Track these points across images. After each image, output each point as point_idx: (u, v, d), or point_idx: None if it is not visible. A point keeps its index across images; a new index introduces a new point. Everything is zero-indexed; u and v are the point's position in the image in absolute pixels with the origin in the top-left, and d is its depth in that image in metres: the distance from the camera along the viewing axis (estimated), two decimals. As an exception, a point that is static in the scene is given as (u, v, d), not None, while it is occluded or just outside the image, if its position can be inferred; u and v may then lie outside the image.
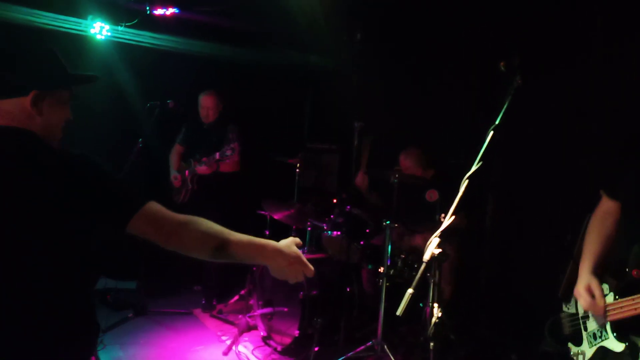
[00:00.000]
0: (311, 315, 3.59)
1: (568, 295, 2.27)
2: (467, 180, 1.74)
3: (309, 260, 1.51)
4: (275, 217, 4.26)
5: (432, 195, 3.87)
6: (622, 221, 2.18)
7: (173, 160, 4.84)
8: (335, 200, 4.57)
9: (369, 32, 4.92)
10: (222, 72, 5.55)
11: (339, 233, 3.84)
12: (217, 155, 4.30)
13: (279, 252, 1.55)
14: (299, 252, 1.59)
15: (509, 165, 3.76)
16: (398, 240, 3.98)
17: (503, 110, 1.74)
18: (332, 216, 3.98)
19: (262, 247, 1.54)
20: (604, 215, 2.22)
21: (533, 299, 3.35)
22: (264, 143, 5.23)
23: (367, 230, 3.94)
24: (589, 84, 3.21)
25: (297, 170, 4.55)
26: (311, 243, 4.11)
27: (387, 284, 3.54)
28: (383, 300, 3.52)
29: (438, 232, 1.75)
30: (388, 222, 3.54)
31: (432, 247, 1.75)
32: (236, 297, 4.64)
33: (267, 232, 4.46)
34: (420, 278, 1.74)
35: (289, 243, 1.59)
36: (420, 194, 3.92)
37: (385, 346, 3.44)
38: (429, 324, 1.91)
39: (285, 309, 3.80)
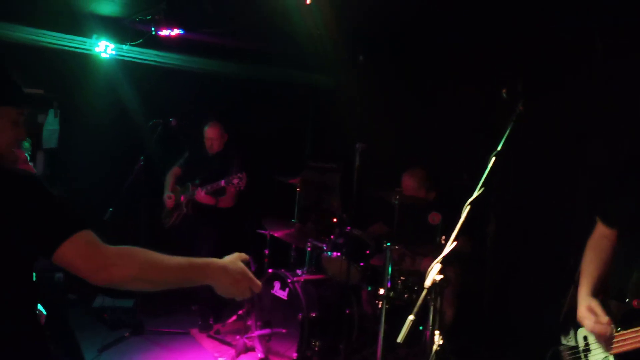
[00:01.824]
0: (310, 338, 3.54)
1: (566, 327, 2.24)
2: (469, 206, 1.73)
3: (308, 281, 1.51)
4: (276, 235, 4.24)
5: (434, 218, 3.84)
6: (619, 248, 2.18)
7: (169, 181, 4.80)
8: (335, 220, 4.57)
9: (372, 53, 4.96)
10: (226, 89, 5.59)
11: (338, 254, 3.82)
12: (223, 182, 4.26)
13: (223, 270, 1.49)
14: (244, 267, 1.54)
15: (511, 188, 3.75)
16: (399, 261, 3.95)
17: (505, 137, 1.74)
18: (332, 236, 3.95)
19: (204, 267, 1.48)
20: (599, 240, 2.23)
21: (535, 324, 3.32)
22: (265, 161, 5.23)
23: (367, 252, 3.91)
24: (587, 109, 3.24)
25: (298, 189, 4.54)
26: (311, 263, 4.08)
27: (387, 306, 3.50)
28: (383, 323, 3.48)
29: (440, 258, 1.74)
30: (389, 244, 3.52)
31: (434, 273, 1.73)
32: (234, 317, 4.59)
33: (267, 252, 4.44)
34: (421, 303, 1.72)
35: (233, 259, 1.54)
36: (422, 216, 3.90)
37: (385, 370, 3.38)
38: (429, 348, 1.88)
39: (284, 330, 3.76)
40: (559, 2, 3.31)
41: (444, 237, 3.67)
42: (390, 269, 3.56)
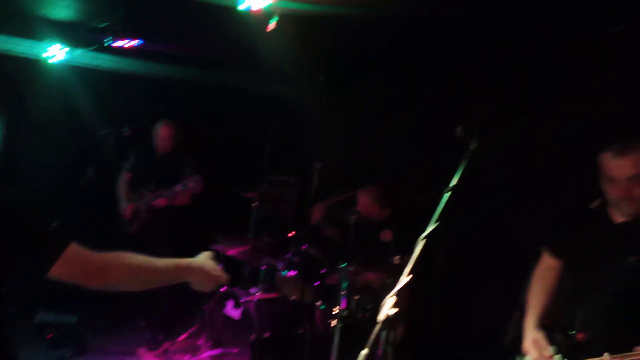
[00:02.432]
0: (262, 358, 3.49)
1: (513, 354, 2.29)
2: (423, 240, 1.75)
3: (262, 300, 1.59)
4: (229, 253, 4.17)
5: (386, 235, 3.92)
6: (565, 280, 2.26)
7: (122, 190, 4.63)
8: (292, 233, 4.55)
9: (333, 71, 4.99)
10: (183, 96, 5.46)
11: (294, 273, 3.79)
12: (178, 187, 4.18)
13: (201, 267, 1.70)
14: (215, 264, 1.77)
15: (462, 216, 3.85)
16: (352, 277, 3.96)
17: (459, 173, 1.78)
18: (288, 255, 3.93)
19: (187, 267, 1.68)
20: (545, 271, 2.30)
21: (485, 344, 3.41)
22: (221, 174, 5.15)
23: (322, 271, 3.91)
24: (538, 143, 3.38)
25: (254, 203, 4.49)
26: (265, 281, 4.03)
27: (341, 325, 3.50)
28: (336, 342, 3.48)
29: (393, 293, 1.75)
30: (344, 265, 3.52)
31: (387, 308, 1.73)
32: (185, 335, 4.46)
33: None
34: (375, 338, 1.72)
35: (205, 257, 1.75)
36: (375, 233, 3.95)
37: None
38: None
39: (235, 350, 3.69)
40: (515, 44, 3.46)
41: (397, 257, 3.74)
42: (344, 289, 3.57)
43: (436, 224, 1.73)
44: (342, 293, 3.54)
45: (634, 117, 2.88)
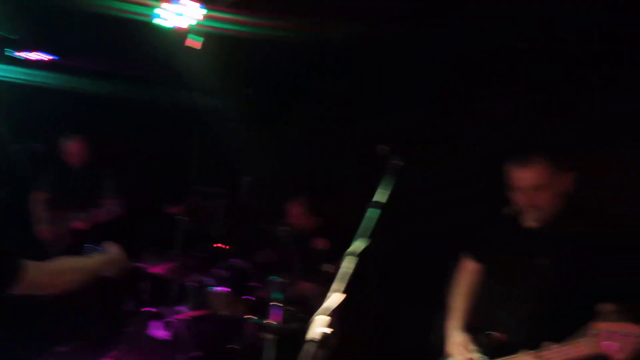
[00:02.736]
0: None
1: (440, 355, 2.38)
2: (355, 258, 1.78)
3: (191, 318, 1.58)
4: (155, 271, 4.02)
5: (319, 244, 3.95)
6: (485, 283, 2.37)
7: (39, 211, 4.29)
8: (219, 245, 4.47)
9: (259, 86, 4.98)
10: (101, 110, 5.20)
11: (224, 289, 3.73)
12: (97, 213, 4.02)
13: (114, 258, 1.96)
14: (121, 254, 2.00)
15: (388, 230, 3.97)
16: (285, 288, 3.95)
17: (383, 191, 1.82)
18: (216, 270, 3.85)
19: (107, 260, 1.93)
20: (466, 275, 2.41)
21: (418, 346, 3.52)
22: (146, 189, 4.96)
23: (254, 284, 3.87)
24: (453, 159, 3.62)
25: (181, 217, 4.37)
26: (195, 299, 3.92)
27: (272, 337, 3.48)
28: (266, 355, 3.44)
29: (325, 311, 1.76)
30: (275, 278, 3.51)
31: (319, 326, 1.74)
32: (108, 360, 4.24)
33: (145, 286, 4.18)
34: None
35: (110, 249, 2.00)
36: (308, 243, 3.97)
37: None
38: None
39: (164, 372, 3.56)
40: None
41: (331, 266, 3.78)
42: (276, 301, 3.55)
43: (365, 242, 1.76)
44: (274, 305, 3.52)
45: (538, 130, 3.12)
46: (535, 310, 2.06)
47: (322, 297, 3.43)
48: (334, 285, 1.76)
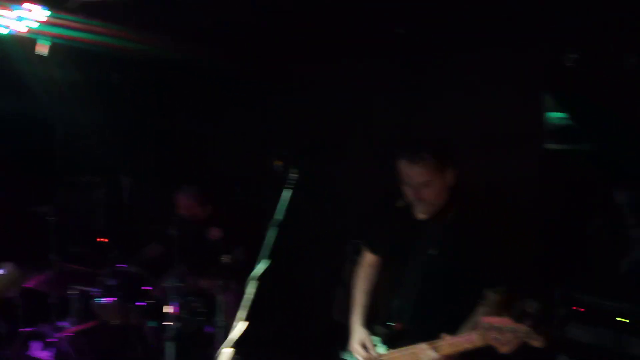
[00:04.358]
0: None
1: (344, 345, 2.38)
2: (255, 282, 1.61)
3: (77, 333, 1.31)
4: (27, 285, 3.52)
5: (213, 233, 3.76)
6: (384, 274, 2.41)
7: None
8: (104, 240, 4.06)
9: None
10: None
11: (112, 299, 3.36)
12: None
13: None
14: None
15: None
16: (182, 285, 3.71)
17: (282, 206, 1.68)
18: (102, 279, 3.46)
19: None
20: (366, 268, 2.46)
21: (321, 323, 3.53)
22: (8, 193, 4.30)
23: (147, 288, 3.55)
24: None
25: (51, 218, 3.83)
26: (79, 311, 3.51)
27: (174, 337, 3.28)
28: (170, 356, 3.23)
29: (228, 343, 1.58)
30: (169, 282, 3.24)
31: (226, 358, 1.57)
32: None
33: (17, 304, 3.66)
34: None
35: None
36: (202, 234, 3.73)
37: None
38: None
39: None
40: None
41: (229, 257, 3.60)
42: (174, 298, 3.31)
43: (268, 263, 1.60)
44: (172, 302, 3.29)
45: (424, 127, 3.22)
46: (427, 299, 2.16)
47: (221, 290, 3.34)
48: (238, 314, 1.58)
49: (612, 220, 2.82)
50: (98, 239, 4.47)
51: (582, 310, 2.67)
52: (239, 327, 1.60)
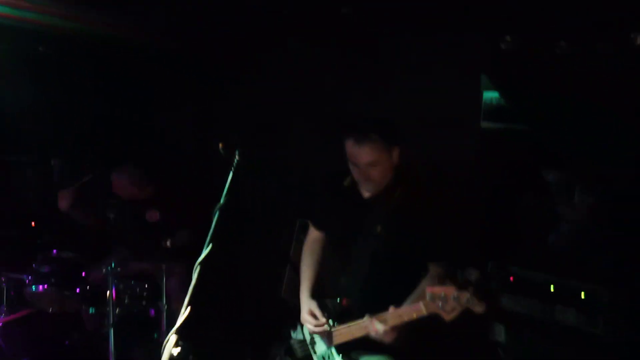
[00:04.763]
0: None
1: (294, 322, 2.42)
2: (199, 266, 1.59)
3: (8, 323, 1.23)
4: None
5: (152, 215, 3.65)
6: (330, 251, 2.46)
7: None
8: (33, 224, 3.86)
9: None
10: None
11: (45, 286, 3.21)
12: None
13: None
14: None
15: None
16: (123, 267, 3.59)
17: (226, 189, 1.66)
18: (34, 266, 3.28)
19: None
20: (313, 243, 2.50)
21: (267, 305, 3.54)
22: None
23: (84, 274, 3.41)
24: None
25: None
26: (9, 301, 3.34)
27: (115, 322, 3.21)
28: (112, 341, 3.16)
29: (174, 330, 1.56)
30: (110, 268, 3.14)
31: (170, 347, 1.55)
32: None
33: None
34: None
35: None
36: (140, 216, 3.62)
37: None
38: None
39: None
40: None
41: (169, 241, 3.50)
42: (114, 282, 3.21)
43: (210, 247, 1.58)
44: (112, 285, 3.21)
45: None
46: (374, 275, 2.21)
47: (164, 274, 3.27)
48: (185, 298, 1.56)
49: (541, 198, 2.99)
50: (29, 222, 4.25)
51: (512, 279, 2.85)
52: (185, 312, 1.58)
